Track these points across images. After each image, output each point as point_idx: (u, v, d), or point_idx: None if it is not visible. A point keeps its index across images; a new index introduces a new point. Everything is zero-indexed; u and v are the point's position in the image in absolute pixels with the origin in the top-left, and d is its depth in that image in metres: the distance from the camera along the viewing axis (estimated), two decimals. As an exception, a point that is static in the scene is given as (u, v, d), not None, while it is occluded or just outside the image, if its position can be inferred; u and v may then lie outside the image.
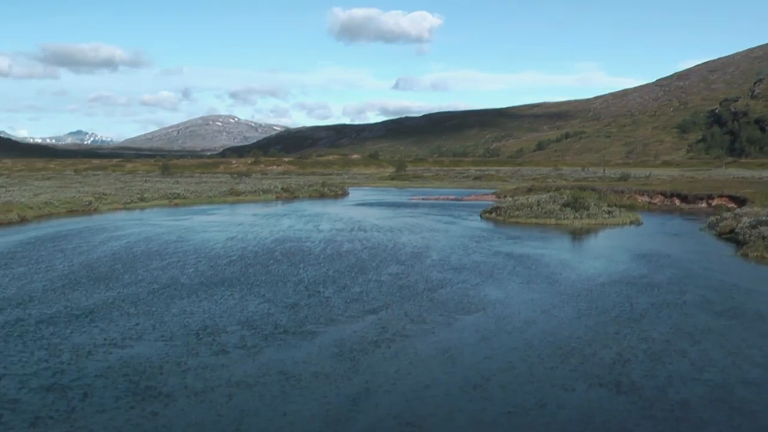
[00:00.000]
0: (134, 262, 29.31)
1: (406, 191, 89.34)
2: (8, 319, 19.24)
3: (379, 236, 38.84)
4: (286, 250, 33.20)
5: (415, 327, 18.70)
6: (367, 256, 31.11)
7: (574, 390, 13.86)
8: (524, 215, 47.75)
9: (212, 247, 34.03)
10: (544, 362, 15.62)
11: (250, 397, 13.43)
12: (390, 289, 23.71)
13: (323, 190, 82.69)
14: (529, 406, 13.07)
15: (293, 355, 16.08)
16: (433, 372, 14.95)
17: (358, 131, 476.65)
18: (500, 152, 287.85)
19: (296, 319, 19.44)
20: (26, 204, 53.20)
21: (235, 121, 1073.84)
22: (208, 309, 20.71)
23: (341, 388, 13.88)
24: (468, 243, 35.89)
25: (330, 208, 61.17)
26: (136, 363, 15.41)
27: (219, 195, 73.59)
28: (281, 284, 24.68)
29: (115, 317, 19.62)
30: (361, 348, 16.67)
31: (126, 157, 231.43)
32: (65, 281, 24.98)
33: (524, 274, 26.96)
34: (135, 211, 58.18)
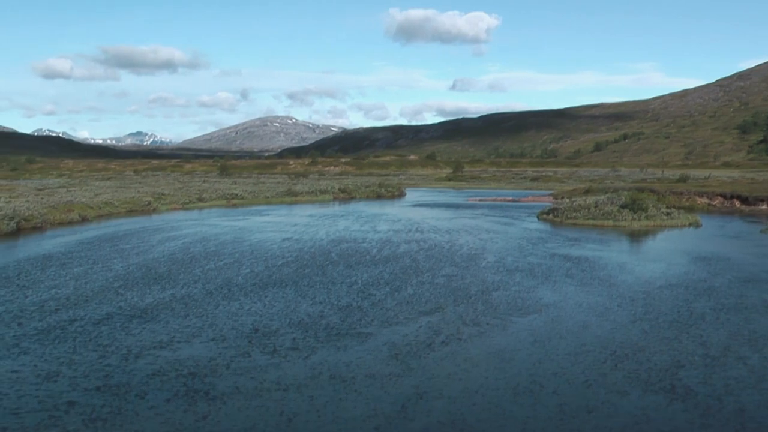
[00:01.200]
0: (191, 263, 29.58)
1: (463, 192, 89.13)
2: (64, 319, 19.49)
3: (436, 237, 38.79)
4: (342, 251, 33.29)
5: (469, 329, 18.62)
6: (422, 258, 31.07)
7: (628, 395, 13.67)
8: (582, 217, 47.41)
9: (268, 248, 34.22)
10: (598, 366, 15.44)
11: (301, 398, 13.45)
12: (444, 291, 23.63)
13: (380, 191, 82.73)
14: (581, 411, 12.92)
15: (345, 357, 16.09)
16: (485, 375, 14.86)
17: (415, 132, 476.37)
18: (558, 153, 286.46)
19: (349, 321, 19.46)
20: (87, 204, 53.91)
21: (292, 122, 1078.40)
22: (261, 310, 20.80)
23: (392, 391, 13.85)
24: (524, 245, 35.72)
25: (387, 209, 61.19)
26: (189, 363, 15.54)
27: (276, 195, 73.96)
28: (336, 285, 24.72)
29: (170, 318, 19.81)
30: (413, 350, 16.62)
31: (185, 158, 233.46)
32: (121, 281, 25.26)
33: (580, 276, 26.76)
34: (193, 211, 58.70)
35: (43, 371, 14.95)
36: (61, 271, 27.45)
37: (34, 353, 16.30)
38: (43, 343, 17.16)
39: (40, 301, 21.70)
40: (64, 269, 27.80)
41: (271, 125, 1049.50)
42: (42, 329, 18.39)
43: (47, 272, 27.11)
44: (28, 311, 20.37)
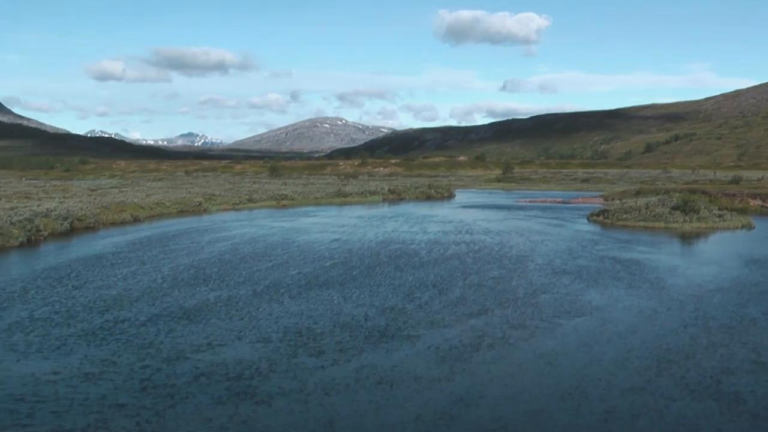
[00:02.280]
0: (239, 264, 29.77)
1: (513, 193, 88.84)
2: (111, 320, 19.71)
3: (485, 239, 38.70)
4: (391, 252, 33.33)
5: (515, 332, 18.54)
6: (471, 260, 31.01)
7: (675, 402, 13.49)
8: (632, 218, 47.03)
9: (317, 249, 34.36)
10: (645, 372, 15.27)
11: (345, 401, 13.47)
12: (491, 294, 23.56)
13: (430, 192, 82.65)
14: (627, 417, 12.78)
15: (390, 360, 16.09)
16: (530, 379, 14.79)
17: (464, 133, 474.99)
18: (608, 154, 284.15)
19: (396, 323, 19.45)
20: (139, 204, 54.45)
21: (342, 123, 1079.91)
22: (307, 311, 20.86)
23: (437, 395, 13.81)
24: (574, 246, 35.55)
25: (436, 210, 61.13)
26: (234, 365, 15.62)
27: (326, 196, 74.16)
28: (383, 287, 24.75)
29: (216, 319, 19.95)
30: (458, 354, 16.57)
31: (235, 159, 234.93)
32: (170, 282, 25.49)
33: (629, 279, 26.52)
34: (243, 212, 59.06)
35: (89, 371, 15.12)
36: (111, 271, 27.78)
37: (81, 353, 16.50)
38: (90, 343, 17.38)
39: (90, 302, 21.97)
40: (114, 269, 28.13)
41: (321, 126, 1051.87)
42: (89, 329, 18.62)
43: (98, 272, 27.45)
44: (78, 311, 20.64)
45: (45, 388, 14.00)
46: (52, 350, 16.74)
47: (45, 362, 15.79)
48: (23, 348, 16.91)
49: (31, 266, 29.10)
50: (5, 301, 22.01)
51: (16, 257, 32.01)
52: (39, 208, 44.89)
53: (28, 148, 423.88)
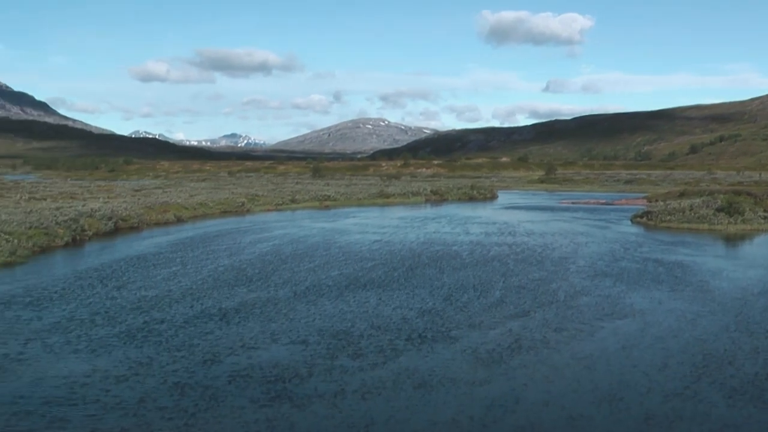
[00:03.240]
0: (281, 264, 29.89)
1: (556, 195, 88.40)
2: (152, 320, 19.88)
3: (527, 240, 38.56)
4: (433, 253, 33.28)
5: (554, 335, 18.47)
6: (512, 261, 30.90)
7: (716, 407, 13.36)
8: (676, 220, 46.65)
9: (358, 250, 34.42)
10: (686, 376, 15.12)
11: (383, 403, 13.50)
12: (532, 295, 23.47)
13: (472, 193, 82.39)
14: (665, 422, 12.67)
15: (429, 362, 16.07)
16: (569, 382, 14.72)
17: (507, 134, 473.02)
18: (652, 155, 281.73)
19: (435, 325, 19.44)
20: (182, 205, 54.84)
21: (385, 124, 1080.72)
22: (347, 312, 20.92)
23: (475, 398, 13.80)
24: (616, 248, 35.31)
25: (479, 212, 60.98)
26: (272, 366, 15.70)
27: (368, 197, 74.17)
28: (423, 288, 24.72)
29: (255, 319, 20.04)
30: (497, 356, 16.54)
31: (278, 160, 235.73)
32: (211, 283, 25.66)
33: (672, 282, 26.27)
34: (286, 212, 59.29)
35: (127, 372, 15.26)
36: (153, 271, 28.02)
37: (120, 354, 16.66)
38: (128, 344, 17.53)
39: (130, 302, 22.16)
40: (156, 270, 28.37)
41: (364, 127, 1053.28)
42: (129, 330, 18.79)
43: (140, 273, 27.70)
44: (118, 312, 20.84)
45: (82, 389, 14.15)
46: (90, 351, 16.93)
47: (83, 362, 15.96)
48: (62, 348, 17.10)
49: (75, 266, 29.42)
50: (47, 301, 22.27)
51: (61, 257, 32.35)
52: (84, 208, 45.34)
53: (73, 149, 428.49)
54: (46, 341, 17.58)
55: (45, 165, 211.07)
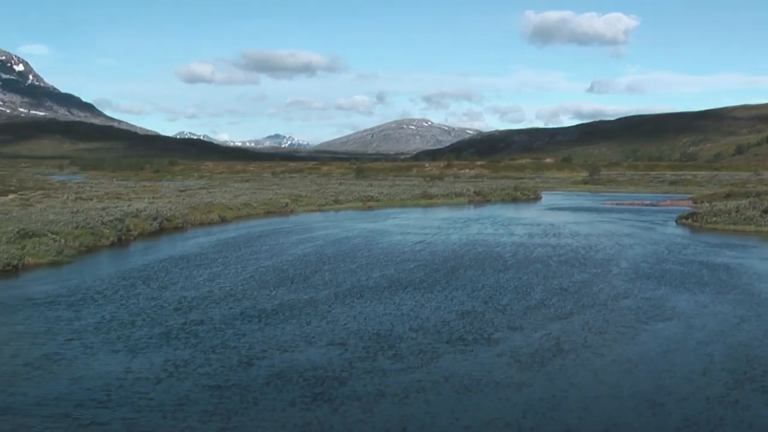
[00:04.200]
0: (322, 265, 29.98)
1: (600, 196, 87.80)
2: (193, 320, 20.01)
3: (570, 242, 38.39)
4: (475, 255, 33.21)
5: (595, 338, 18.34)
6: (554, 263, 30.78)
7: (760, 414, 13.18)
8: (722, 221, 46.13)
9: (401, 251, 34.44)
10: (728, 381, 14.94)
11: (422, 405, 13.47)
12: (573, 298, 23.35)
13: (516, 194, 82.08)
14: (706, 426, 12.55)
15: (468, 364, 16.04)
16: (609, 386, 14.62)
17: (551, 135, 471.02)
18: (697, 156, 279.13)
19: (476, 326, 19.40)
20: (226, 205, 55.14)
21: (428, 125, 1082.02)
22: (388, 314, 20.94)
23: (513, 401, 13.75)
24: (661, 250, 35.04)
25: (522, 213, 60.80)
26: (310, 367, 15.74)
27: (412, 198, 74.12)
28: (465, 290, 24.69)
29: (296, 320, 20.11)
30: (537, 358, 16.47)
31: (322, 160, 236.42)
32: (253, 283, 25.78)
33: (717, 284, 25.96)
34: (329, 213, 59.45)
35: (167, 372, 15.40)
36: (196, 271, 28.23)
37: (160, 353, 16.82)
38: (169, 344, 17.67)
39: (172, 302, 22.34)
40: (199, 270, 28.58)
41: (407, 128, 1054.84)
42: (170, 330, 18.94)
43: (183, 273, 27.94)
44: (160, 312, 21.02)
45: (120, 390, 14.27)
46: (129, 351, 17.06)
47: (122, 363, 16.11)
48: (102, 348, 17.27)
49: (119, 266, 29.72)
50: (90, 301, 22.52)
51: (106, 256, 32.69)
52: (129, 208, 45.80)
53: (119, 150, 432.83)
54: (86, 341, 17.76)
55: (91, 165, 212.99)
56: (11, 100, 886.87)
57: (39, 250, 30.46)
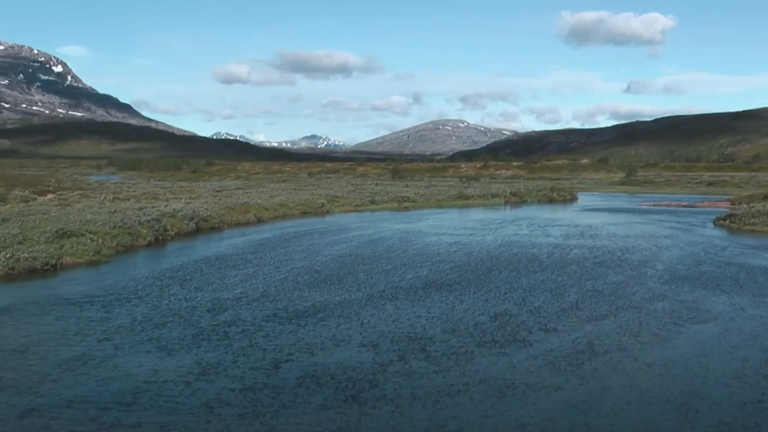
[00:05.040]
0: (357, 266, 30.04)
1: (636, 197, 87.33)
2: (226, 321, 20.10)
3: (606, 243, 38.19)
4: (511, 256, 33.15)
5: (629, 340, 18.24)
6: (590, 264, 30.65)
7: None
8: (760, 223, 45.68)
9: (436, 252, 34.42)
10: (764, 384, 14.84)
11: (455, 407, 13.47)
12: (608, 299, 23.23)
13: (552, 194, 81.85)
14: (740, 431, 12.52)
15: (501, 366, 16.01)
16: (643, 389, 14.52)
17: (587, 135, 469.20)
18: (735, 157, 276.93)
19: (509, 328, 19.38)
20: (262, 205, 55.42)
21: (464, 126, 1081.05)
22: (422, 315, 20.93)
23: (546, 403, 13.72)
24: (698, 252, 34.79)
25: (559, 214, 60.62)
26: (343, 368, 15.79)
27: (448, 199, 74.19)
28: (499, 291, 24.66)
29: (329, 321, 20.18)
30: (570, 360, 16.43)
31: (358, 161, 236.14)
32: (287, 284, 25.89)
33: (754, 287, 25.69)
34: (365, 214, 59.55)
35: (199, 371, 15.51)
36: (231, 272, 28.38)
37: (193, 353, 16.95)
38: (202, 344, 17.79)
39: (207, 303, 22.49)
40: (234, 270, 28.72)
41: (443, 128, 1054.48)
42: (204, 330, 19.07)
43: (218, 273, 28.09)
44: (194, 312, 21.16)
45: (153, 389, 14.40)
46: (163, 351, 17.21)
47: (155, 362, 16.24)
48: (134, 348, 17.41)
49: (156, 266, 29.92)
50: (125, 301, 22.73)
51: (143, 256, 32.93)
52: (166, 208, 46.13)
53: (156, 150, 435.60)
54: (118, 342, 17.90)
55: (129, 166, 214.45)
56: (50, 101, 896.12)
57: (77, 249, 30.76)
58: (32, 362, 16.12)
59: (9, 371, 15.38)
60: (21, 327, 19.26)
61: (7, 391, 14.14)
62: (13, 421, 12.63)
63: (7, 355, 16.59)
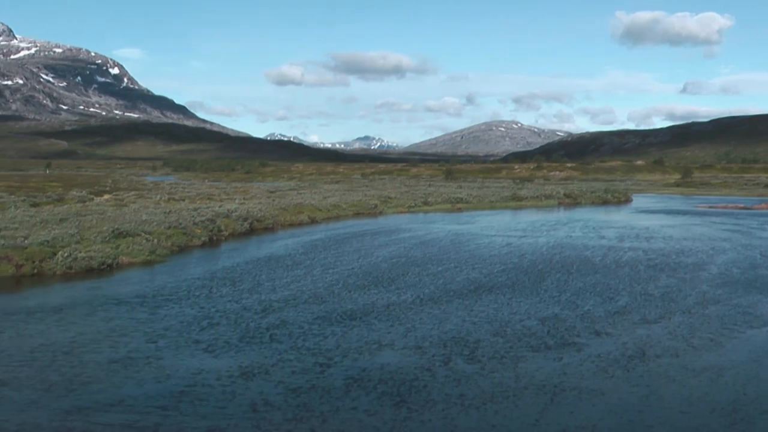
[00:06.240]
0: (408, 268, 30.07)
1: (692, 199, 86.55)
2: (275, 322, 20.21)
3: (660, 246, 37.84)
4: (563, 258, 32.99)
5: (680, 345, 18.04)
6: (643, 267, 30.38)
7: None
8: (819, 227, 45.22)
9: (488, 254, 34.35)
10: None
11: (504, 410, 13.46)
12: (660, 303, 22.99)
13: (606, 196, 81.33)
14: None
15: (549, 368, 15.98)
16: (691, 396, 14.37)
17: (642, 137, 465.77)
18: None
19: (559, 331, 19.29)
20: (316, 206, 55.67)
21: (518, 127, 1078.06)
22: (472, 317, 20.90)
23: (596, 408, 13.66)
24: (754, 255, 34.32)
25: (613, 216, 60.20)
26: (391, 369, 15.83)
27: (501, 200, 74.06)
28: (551, 293, 24.56)
29: (377, 322, 20.24)
30: (621, 365, 16.31)
31: (411, 162, 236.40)
32: (338, 285, 25.99)
33: (810, 292, 25.44)
34: (418, 215, 59.61)
35: (247, 371, 15.64)
36: (282, 272, 28.57)
37: (242, 353, 17.09)
38: (251, 344, 17.94)
39: (259, 303, 22.64)
40: (286, 271, 28.92)
41: (497, 130, 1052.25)
42: (253, 330, 19.23)
43: (270, 274, 28.29)
44: (245, 313, 21.33)
45: (204, 386, 14.60)
46: (215, 349, 17.42)
47: (207, 360, 16.46)
48: (186, 347, 17.61)
49: (209, 266, 30.19)
50: (177, 300, 23.03)
51: (197, 256, 33.25)
52: (220, 209, 46.52)
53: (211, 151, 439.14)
54: (167, 342, 18.09)
55: (184, 167, 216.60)
56: (107, 102, 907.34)
57: (132, 249, 31.15)
58: (80, 362, 16.32)
59: (55, 372, 15.58)
60: (72, 326, 19.52)
61: (53, 392, 14.34)
62: (56, 422, 12.77)
63: (55, 356, 16.78)
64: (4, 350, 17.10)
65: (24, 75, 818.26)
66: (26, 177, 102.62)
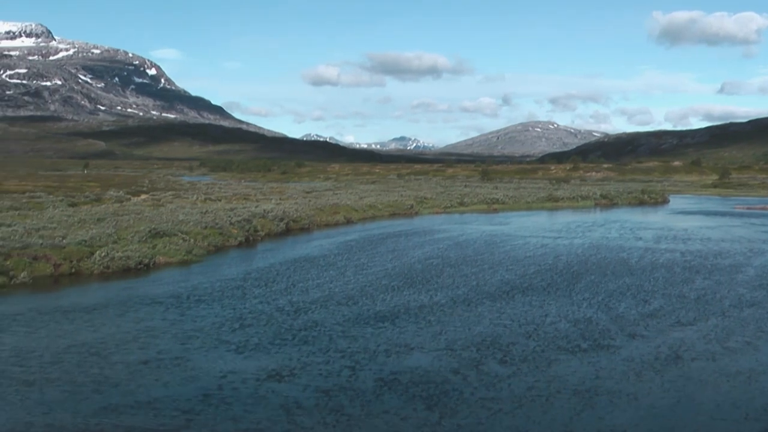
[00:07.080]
0: (443, 268, 30.10)
1: (729, 200, 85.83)
2: (306, 323, 20.27)
3: (697, 247, 37.60)
4: (599, 260, 32.85)
5: (715, 348, 17.95)
6: (679, 269, 30.23)
7: None
8: None
9: (524, 255, 34.28)
10: None
11: (537, 412, 13.47)
12: (695, 306, 22.85)
13: (643, 197, 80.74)
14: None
15: (582, 372, 15.93)
16: (726, 399, 14.31)
17: (679, 137, 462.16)
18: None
19: (593, 333, 19.25)
20: (352, 207, 55.78)
21: (554, 127, 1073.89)
22: (506, 319, 20.90)
23: (629, 411, 13.63)
24: (791, 258, 34.10)
25: (649, 216, 59.89)
26: (422, 370, 15.86)
27: (537, 201, 73.79)
28: (586, 295, 24.48)
29: (409, 324, 20.28)
30: (654, 368, 16.24)
31: (447, 163, 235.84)
32: (373, 287, 26.03)
33: None
34: (454, 215, 59.55)
35: (279, 371, 15.75)
36: (318, 273, 28.70)
37: (274, 353, 17.21)
38: (281, 344, 18.04)
39: (292, 304, 22.78)
40: (321, 271, 29.03)
41: (533, 130, 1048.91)
42: (284, 331, 19.33)
43: (305, 274, 28.42)
44: (278, 313, 21.46)
45: (233, 388, 14.69)
46: (247, 349, 17.57)
47: (238, 360, 16.60)
48: (218, 348, 17.75)
49: (245, 266, 30.37)
50: (211, 301, 23.21)
51: (233, 256, 33.44)
52: (257, 209, 46.69)
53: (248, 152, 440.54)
54: (200, 342, 18.22)
55: (220, 167, 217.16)
56: (144, 103, 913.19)
57: (169, 249, 31.38)
58: (112, 362, 16.48)
59: (83, 373, 15.71)
60: (103, 327, 19.74)
61: (83, 391, 14.49)
62: (82, 423, 12.85)
63: (84, 356, 16.94)
64: (34, 350, 17.27)
65: (62, 76, 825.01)
66: (64, 177, 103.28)
